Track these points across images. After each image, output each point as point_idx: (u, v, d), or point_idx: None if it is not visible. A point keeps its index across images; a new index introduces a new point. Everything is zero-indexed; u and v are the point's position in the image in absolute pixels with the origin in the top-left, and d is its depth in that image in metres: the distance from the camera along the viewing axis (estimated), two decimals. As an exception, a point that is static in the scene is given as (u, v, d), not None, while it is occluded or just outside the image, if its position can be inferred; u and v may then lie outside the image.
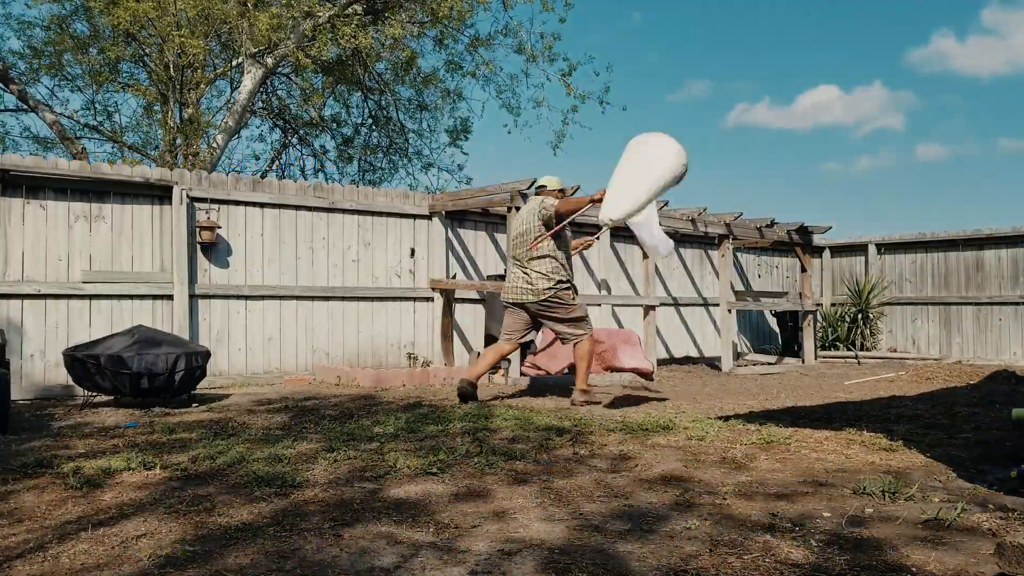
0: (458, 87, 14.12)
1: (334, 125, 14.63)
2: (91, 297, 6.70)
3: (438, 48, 13.38)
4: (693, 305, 11.52)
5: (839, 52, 36.58)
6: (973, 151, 38.11)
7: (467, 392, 5.68)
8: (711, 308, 11.59)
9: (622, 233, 10.24)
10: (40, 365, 6.47)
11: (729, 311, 9.58)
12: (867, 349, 11.93)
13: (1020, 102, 34.93)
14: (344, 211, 8.11)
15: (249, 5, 10.31)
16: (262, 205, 7.62)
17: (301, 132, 14.73)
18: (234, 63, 12.01)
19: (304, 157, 15.13)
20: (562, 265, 5.71)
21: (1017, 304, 11.04)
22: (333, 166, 15.03)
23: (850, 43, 36.25)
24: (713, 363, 10.19)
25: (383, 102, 14.26)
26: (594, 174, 37.56)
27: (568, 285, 5.73)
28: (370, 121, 14.57)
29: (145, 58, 12.24)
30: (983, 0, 36.36)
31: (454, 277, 8.75)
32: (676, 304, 11.23)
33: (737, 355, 11.24)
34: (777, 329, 12.16)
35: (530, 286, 5.68)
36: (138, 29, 10.58)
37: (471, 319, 8.87)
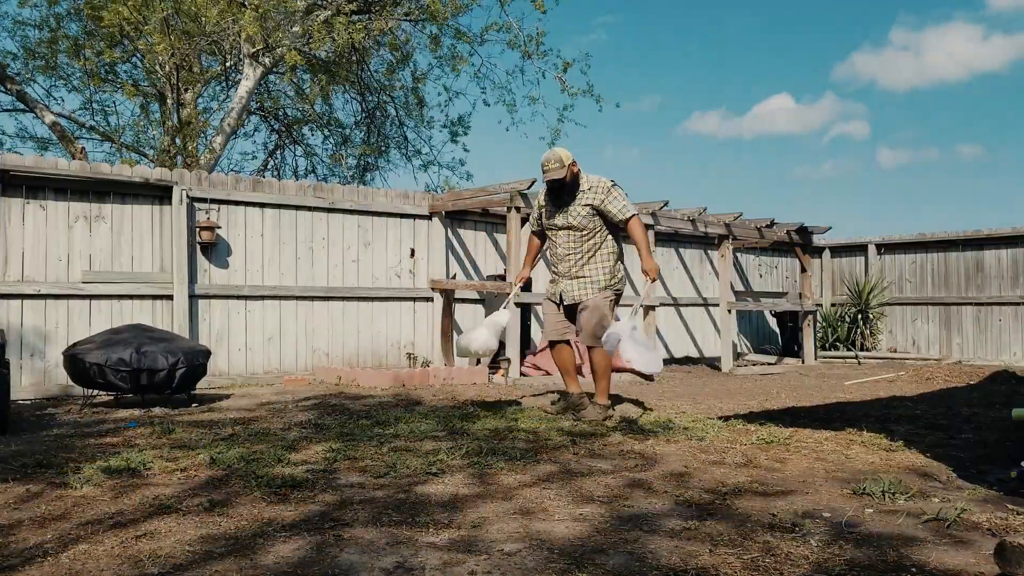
0: (455, 88, 14.13)
1: (330, 125, 14.61)
2: (91, 297, 6.70)
3: (434, 47, 13.37)
4: (693, 305, 11.52)
5: (789, 63, 37.76)
6: (932, 157, 39.21)
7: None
8: (711, 308, 11.59)
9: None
10: (40, 365, 6.47)
11: (729, 311, 9.58)
12: (867, 349, 11.93)
13: (974, 109, 36.50)
14: (344, 211, 8.11)
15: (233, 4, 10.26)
16: (262, 205, 7.62)
17: (295, 132, 14.71)
18: (228, 63, 11.99)
19: (297, 157, 15.13)
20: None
21: (1017, 304, 11.04)
22: (326, 166, 15.00)
23: (799, 55, 37.55)
24: (713, 363, 10.19)
25: (380, 100, 14.24)
26: (593, 171, 38.09)
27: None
28: (367, 119, 14.56)
29: (137, 59, 12.22)
30: (891, 20, 37.84)
31: (454, 277, 8.75)
32: (676, 304, 11.23)
33: (737, 355, 11.24)
34: (777, 329, 12.16)
35: None
36: (128, 31, 10.55)
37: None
